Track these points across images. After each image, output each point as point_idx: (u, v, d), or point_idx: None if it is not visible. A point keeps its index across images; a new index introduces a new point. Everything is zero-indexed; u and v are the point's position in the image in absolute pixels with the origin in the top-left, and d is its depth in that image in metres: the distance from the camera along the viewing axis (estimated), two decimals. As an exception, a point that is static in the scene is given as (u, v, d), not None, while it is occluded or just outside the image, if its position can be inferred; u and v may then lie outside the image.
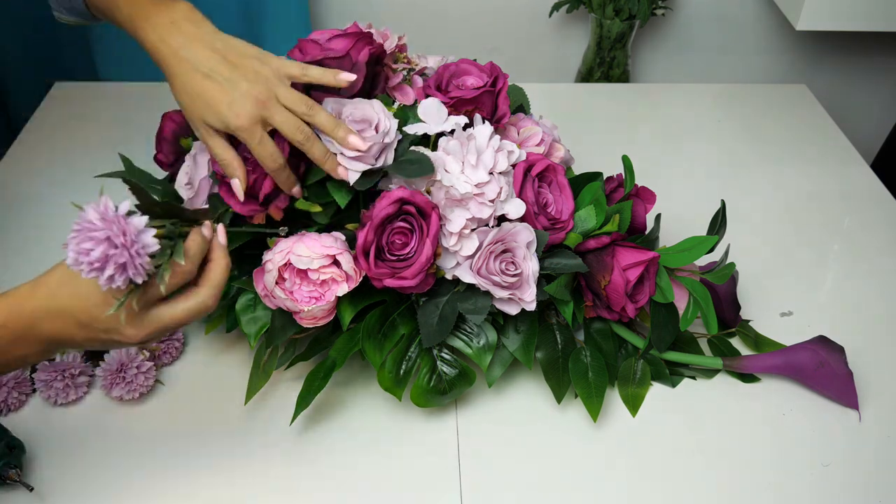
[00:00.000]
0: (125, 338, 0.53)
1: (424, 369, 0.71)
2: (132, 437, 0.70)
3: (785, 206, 1.01)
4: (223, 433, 0.71)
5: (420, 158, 0.66)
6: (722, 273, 0.74)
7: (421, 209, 0.65)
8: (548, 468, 0.69)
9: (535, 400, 0.75)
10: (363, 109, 0.66)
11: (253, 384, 0.71)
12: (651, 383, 0.76)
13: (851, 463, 0.71)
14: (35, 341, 0.54)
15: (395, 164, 0.66)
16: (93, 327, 0.53)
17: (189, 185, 0.71)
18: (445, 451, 0.70)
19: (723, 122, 1.16)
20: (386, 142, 0.65)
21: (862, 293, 0.88)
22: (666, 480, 0.69)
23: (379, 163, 0.65)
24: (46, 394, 0.71)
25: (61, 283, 0.53)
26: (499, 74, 0.73)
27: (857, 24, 1.16)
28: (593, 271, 0.72)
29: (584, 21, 1.39)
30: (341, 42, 0.69)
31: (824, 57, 1.46)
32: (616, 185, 0.78)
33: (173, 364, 0.76)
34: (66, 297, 0.53)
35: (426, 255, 0.65)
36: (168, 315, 0.54)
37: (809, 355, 0.75)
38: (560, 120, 0.93)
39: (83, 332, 0.53)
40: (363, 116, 0.65)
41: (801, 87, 1.25)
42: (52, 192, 0.96)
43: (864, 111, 1.54)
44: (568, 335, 0.74)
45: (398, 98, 0.73)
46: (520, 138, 0.76)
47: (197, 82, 0.62)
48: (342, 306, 0.69)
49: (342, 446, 0.70)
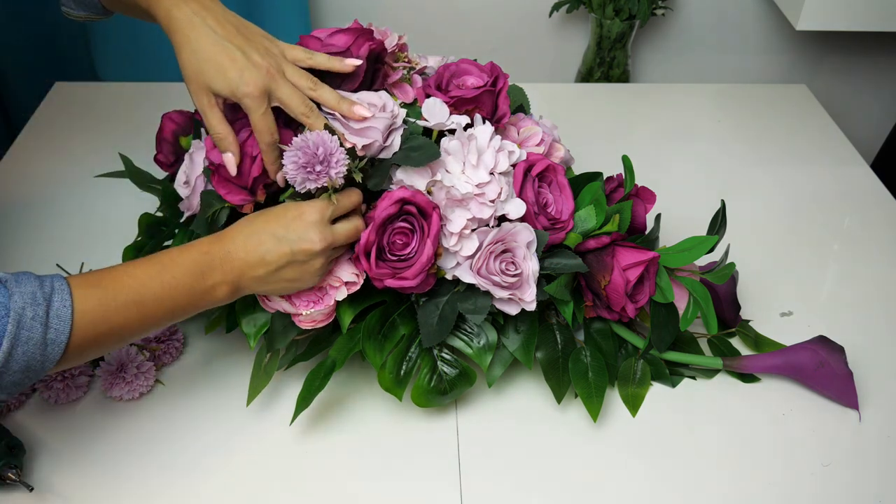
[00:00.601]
0: (312, 243, 0.62)
1: (425, 369, 0.71)
2: (132, 438, 0.70)
3: (785, 206, 1.01)
4: (223, 433, 0.71)
5: (424, 144, 0.66)
6: (722, 273, 0.74)
7: (422, 209, 0.65)
8: (548, 468, 0.69)
9: (535, 400, 0.75)
10: (369, 97, 0.66)
11: (254, 385, 0.71)
12: (651, 383, 0.76)
13: (851, 463, 0.71)
14: (230, 269, 0.61)
15: (400, 152, 0.66)
16: (287, 238, 0.62)
17: (186, 184, 0.71)
18: (445, 451, 0.70)
19: (723, 122, 1.16)
20: (394, 124, 0.66)
21: (862, 293, 0.88)
22: (666, 480, 0.69)
23: (388, 141, 0.66)
24: (46, 394, 0.71)
25: (250, 218, 0.64)
26: (499, 74, 0.72)
27: (857, 24, 1.16)
28: (593, 271, 0.72)
29: (584, 21, 1.39)
30: (342, 38, 0.69)
31: (824, 57, 1.46)
32: (616, 185, 0.78)
33: (173, 364, 0.76)
34: (261, 221, 0.63)
35: (427, 256, 0.65)
36: (341, 229, 0.64)
37: (809, 355, 0.75)
38: (560, 120, 0.93)
39: (277, 248, 0.62)
40: (370, 102, 0.66)
41: (801, 87, 1.25)
42: (52, 193, 0.96)
43: (864, 111, 1.54)
44: (568, 335, 0.74)
45: (398, 96, 0.73)
46: (520, 138, 0.76)
47: (210, 46, 0.63)
48: (342, 308, 0.69)
49: (342, 446, 0.70)
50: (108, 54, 1.25)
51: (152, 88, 1.16)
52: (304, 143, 0.62)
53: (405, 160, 0.66)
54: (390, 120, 0.66)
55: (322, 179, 0.62)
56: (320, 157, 0.62)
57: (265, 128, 0.63)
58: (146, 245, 0.78)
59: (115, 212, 0.91)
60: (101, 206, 0.93)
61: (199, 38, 0.63)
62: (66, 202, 0.94)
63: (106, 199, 0.94)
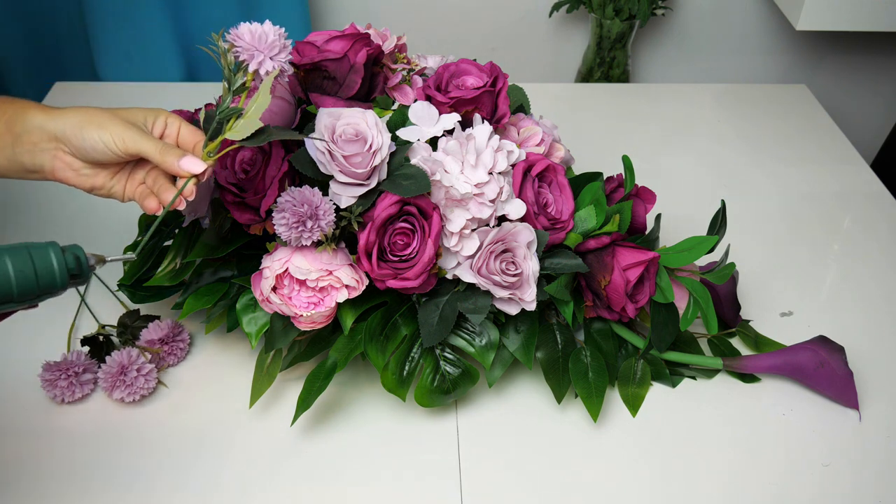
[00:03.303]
0: None
1: (427, 369, 0.71)
2: (133, 439, 0.70)
3: (785, 205, 1.01)
4: (224, 433, 0.71)
5: (416, 174, 0.64)
6: (722, 273, 0.74)
7: (422, 210, 0.65)
8: (548, 468, 0.69)
9: (535, 400, 0.75)
10: (356, 124, 0.64)
11: (257, 387, 0.71)
12: (651, 383, 0.76)
13: (851, 463, 0.71)
14: None
15: (389, 180, 0.65)
16: None
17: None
18: (445, 451, 0.70)
19: (723, 122, 1.17)
20: (375, 163, 0.64)
21: (862, 293, 0.88)
22: (666, 480, 0.69)
23: (371, 182, 0.64)
24: (52, 392, 0.71)
25: None
26: (499, 74, 0.72)
27: (857, 24, 1.16)
28: (593, 271, 0.72)
29: (584, 21, 1.40)
30: (338, 44, 0.69)
31: (824, 57, 1.46)
32: (616, 185, 0.78)
33: (178, 366, 0.76)
34: None
35: (428, 256, 0.65)
36: None
37: (809, 355, 0.75)
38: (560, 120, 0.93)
39: None
40: (356, 132, 0.64)
41: (801, 87, 1.26)
42: (52, 193, 0.96)
43: (864, 111, 1.54)
44: (568, 335, 0.74)
45: (398, 98, 0.73)
46: (520, 138, 0.76)
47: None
48: (343, 310, 0.69)
49: (342, 446, 0.70)
50: (108, 54, 1.25)
51: (152, 88, 1.16)
52: (289, 202, 0.61)
53: (395, 189, 0.64)
54: (370, 167, 0.64)
55: (316, 233, 0.62)
56: (308, 213, 0.61)
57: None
58: (146, 245, 0.78)
59: (115, 212, 0.91)
60: (102, 206, 0.93)
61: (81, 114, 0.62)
62: (67, 202, 0.94)
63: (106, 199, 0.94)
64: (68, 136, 0.61)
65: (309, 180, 0.66)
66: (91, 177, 0.63)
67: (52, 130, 0.61)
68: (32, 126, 0.61)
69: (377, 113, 0.69)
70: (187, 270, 0.74)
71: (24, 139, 0.61)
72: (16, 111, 0.62)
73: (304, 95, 0.71)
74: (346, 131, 0.64)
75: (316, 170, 0.65)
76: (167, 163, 0.60)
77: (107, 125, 0.61)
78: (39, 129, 0.61)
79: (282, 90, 0.70)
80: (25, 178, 0.64)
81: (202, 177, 0.60)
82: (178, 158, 0.59)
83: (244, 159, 0.68)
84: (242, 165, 0.68)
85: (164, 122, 0.63)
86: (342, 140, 0.63)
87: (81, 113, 0.61)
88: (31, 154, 0.62)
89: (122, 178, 0.64)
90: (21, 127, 0.61)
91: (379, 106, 0.72)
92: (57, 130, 0.61)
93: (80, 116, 0.61)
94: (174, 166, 0.59)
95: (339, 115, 0.65)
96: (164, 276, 0.74)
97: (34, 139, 0.61)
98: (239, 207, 0.67)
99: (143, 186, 0.64)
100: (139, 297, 0.76)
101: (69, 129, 0.60)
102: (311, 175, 0.65)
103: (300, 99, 0.72)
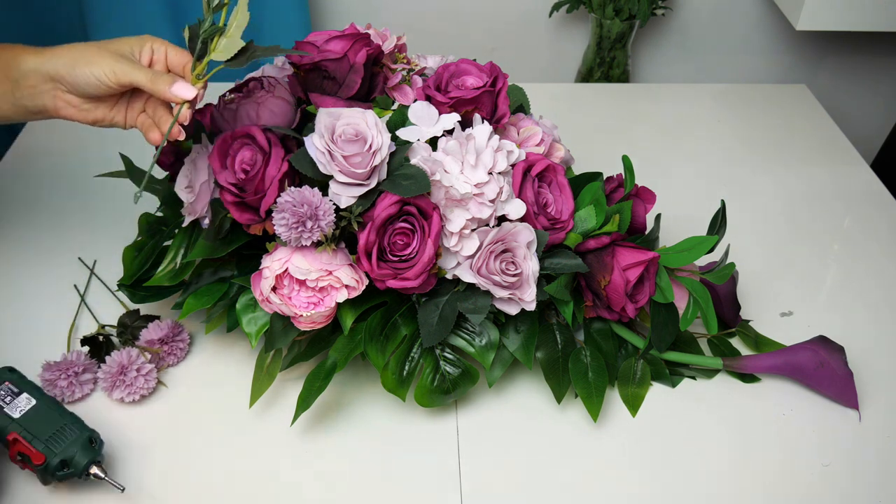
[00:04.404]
0: None
1: (427, 369, 0.71)
2: (133, 439, 0.70)
3: (785, 205, 1.01)
4: (224, 433, 0.71)
5: (416, 174, 0.64)
6: (722, 273, 0.74)
7: (422, 210, 0.65)
8: (548, 468, 0.69)
9: (535, 400, 0.75)
10: (356, 124, 0.64)
11: (257, 387, 0.71)
12: (651, 383, 0.76)
13: (852, 463, 0.71)
14: None
15: (389, 180, 0.65)
16: None
17: (189, 189, 0.71)
18: (445, 451, 0.70)
19: (723, 122, 1.17)
20: (375, 163, 0.64)
21: (862, 293, 0.88)
22: (666, 480, 0.69)
23: (371, 182, 0.64)
24: (52, 393, 0.71)
25: None
26: (499, 74, 0.73)
27: (857, 24, 1.16)
28: (593, 271, 0.72)
29: (584, 21, 1.40)
30: (338, 44, 0.69)
31: (824, 57, 1.46)
32: (616, 185, 0.78)
33: (178, 366, 0.76)
34: None
35: (428, 256, 0.65)
36: None
37: (809, 355, 0.75)
38: (560, 120, 0.93)
39: None
40: (356, 132, 0.64)
41: (801, 87, 1.26)
42: (52, 193, 0.96)
43: (864, 111, 1.54)
44: (568, 335, 0.74)
45: (397, 98, 0.73)
46: (520, 138, 0.76)
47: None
48: (343, 310, 0.69)
49: (342, 446, 0.70)
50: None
51: (152, 89, 1.16)
52: (289, 203, 0.62)
53: (395, 189, 0.64)
54: (370, 167, 0.64)
55: (316, 234, 0.62)
56: (308, 214, 0.62)
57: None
58: (146, 245, 0.78)
59: (115, 212, 0.91)
60: (102, 206, 0.93)
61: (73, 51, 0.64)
62: (66, 202, 0.94)
63: (106, 200, 0.94)
64: (62, 75, 0.63)
65: (309, 180, 0.66)
66: (92, 111, 0.66)
67: (46, 72, 0.63)
68: (27, 70, 0.63)
69: (377, 113, 0.69)
70: (187, 270, 0.74)
71: (23, 84, 0.64)
72: (8, 58, 0.64)
73: (304, 95, 0.71)
74: (345, 131, 0.64)
75: (316, 170, 0.65)
76: (159, 90, 0.61)
77: (97, 60, 0.62)
78: (35, 72, 0.63)
79: (282, 90, 0.70)
80: (31, 119, 0.68)
81: (195, 101, 0.62)
82: (170, 85, 0.61)
83: (244, 159, 0.68)
84: (242, 165, 0.68)
85: (151, 48, 0.65)
86: (342, 140, 0.63)
87: (72, 50, 0.63)
88: (32, 97, 0.64)
89: (122, 108, 0.67)
90: (17, 72, 0.64)
91: (379, 106, 0.71)
92: (51, 71, 0.63)
93: (70, 55, 0.63)
94: (167, 93, 0.61)
95: (339, 115, 0.65)
96: (164, 276, 0.74)
97: (32, 82, 0.64)
98: (239, 207, 0.67)
99: (144, 116, 0.66)
100: (139, 297, 0.76)
101: (62, 68, 0.63)
102: (311, 175, 0.65)
103: (300, 99, 0.72)
